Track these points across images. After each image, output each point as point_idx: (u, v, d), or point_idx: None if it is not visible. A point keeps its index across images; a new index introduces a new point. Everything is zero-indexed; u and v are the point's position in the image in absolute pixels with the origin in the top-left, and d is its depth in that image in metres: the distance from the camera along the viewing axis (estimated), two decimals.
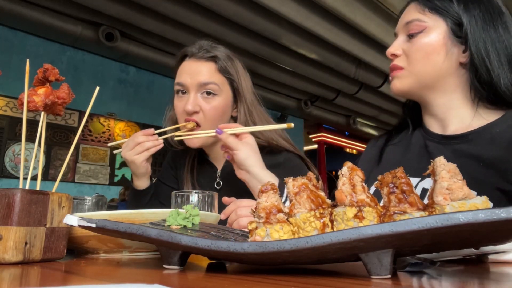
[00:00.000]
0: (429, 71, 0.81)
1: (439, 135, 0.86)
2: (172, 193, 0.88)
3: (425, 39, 0.81)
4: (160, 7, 3.74)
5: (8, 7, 3.57)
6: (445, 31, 0.80)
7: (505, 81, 0.77)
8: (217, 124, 1.06)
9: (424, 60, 0.81)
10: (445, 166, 0.42)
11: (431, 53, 0.80)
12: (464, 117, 0.83)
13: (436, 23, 0.81)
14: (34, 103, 0.62)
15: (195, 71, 1.07)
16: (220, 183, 1.17)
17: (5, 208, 0.53)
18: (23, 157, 0.63)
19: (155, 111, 5.16)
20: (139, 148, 1.04)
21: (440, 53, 0.80)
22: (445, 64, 0.80)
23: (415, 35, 0.82)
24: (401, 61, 0.84)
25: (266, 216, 0.45)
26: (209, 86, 1.06)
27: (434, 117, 0.88)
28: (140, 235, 0.45)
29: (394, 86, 0.86)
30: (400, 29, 0.87)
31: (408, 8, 0.87)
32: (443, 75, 0.81)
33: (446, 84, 0.82)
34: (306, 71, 5.25)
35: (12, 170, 4.04)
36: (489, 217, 0.33)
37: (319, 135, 7.92)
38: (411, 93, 0.86)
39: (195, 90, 1.06)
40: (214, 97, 1.07)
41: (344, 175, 0.44)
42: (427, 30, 0.81)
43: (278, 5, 3.69)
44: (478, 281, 0.40)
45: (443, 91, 0.83)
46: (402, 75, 0.84)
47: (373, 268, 0.38)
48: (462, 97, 0.83)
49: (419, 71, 0.82)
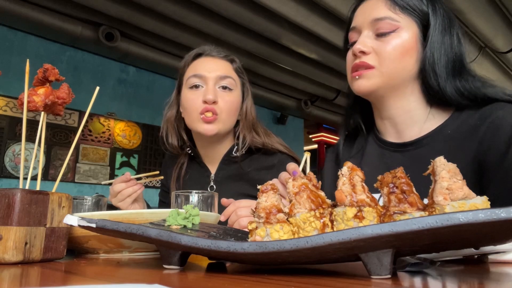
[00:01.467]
0: (400, 73, 0.79)
1: (395, 143, 0.85)
2: (172, 193, 0.88)
3: (398, 39, 0.79)
4: (160, 7, 3.73)
5: (8, 7, 3.57)
6: (416, 34, 0.80)
7: (450, 87, 0.78)
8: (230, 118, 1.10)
9: (397, 61, 0.79)
10: (445, 166, 0.42)
11: (405, 54, 0.79)
12: (418, 119, 0.83)
13: (408, 24, 0.79)
14: (34, 103, 0.62)
15: (214, 66, 1.10)
16: (214, 187, 1.17)
17: (5, 208, 0.53)
18: (23, 157, 0.63)
19: (155, 111, 5.16)
20: (120, 197, 1.06)
21: (412, 56, 0.79)
22: (414, 67, 0.80)
23: (386, 34, 0.79)
24: (371, 60, 0.80)
25: (266, 216, 0.45)
26: (227, 80, 1.09)
27: (388, 121, 0.86)
28: (140, 235, 0.45)
29: (361, 85, 0.81)
30: (364, 24, 0.82)
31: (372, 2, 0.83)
32: (409, 78, 0.81)
33: (409, 88, 0.82)
34: (306, 71, 5.25)
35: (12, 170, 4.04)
36: (489, 217, 0.33)
37: (319, 135, 7.91)
38: (376, 93, 0.82)
39: (213, 82, 1.08)
40: (231, 92, 1.10)
41: (344, 175, 0.44)
42: (399, 30, 0.79)
43: (278, 5, 3.69)
44: (478, 281, 0.40)
45: (404, 94, 0.82)
46: (372, 75, 0.80)
47: (373, 268, 0.38)
48: (417, 100, 0.83)
49: (391, 72, 0.79)
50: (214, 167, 1.20)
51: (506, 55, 4.79)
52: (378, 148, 0.89)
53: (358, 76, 0.81)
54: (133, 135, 5.00)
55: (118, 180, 1.07)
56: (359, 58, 0.81)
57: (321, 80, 5.55)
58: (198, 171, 1.22)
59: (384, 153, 0.87)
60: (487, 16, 3.98)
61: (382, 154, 0.87)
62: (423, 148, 0.80)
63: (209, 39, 4.29)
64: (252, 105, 1.19)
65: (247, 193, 1.09)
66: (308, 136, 8.00)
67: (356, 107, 0.95)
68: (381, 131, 0.89)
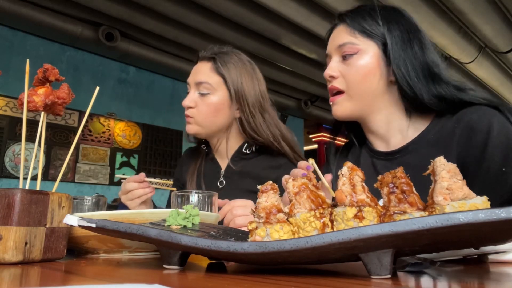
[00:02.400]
0: (367, 92, 0.86)
1: (383, 152, 0.91)
2: (172, 193, 0.88)
3: (360, 61, 0.86)
4: (160, 7, 3.73)
5: (8, 7, 3.57)
6: (377, 53, 0.86)
7: (427, 95, 0.82)
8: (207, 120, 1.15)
9: (361, 82, 0.86)
10: (445, 166, 0.42)
11: (367, 74, 0.85)
12: (402, 128, 0.89)
13: (368, 46, 0.86)
14: (34, 103, 0.62)
15: (196, 70, 1.19)
16: (223, 182, 1.21)
17: (5, 208, 0.53)
18: (23, 157, 0.63)
19: (155, 111, 5.15)
20: (130, 196, 1.07)
21: (375, 74, 0.86)
22: (380, 84, 0.86)
23: (349, 57, 0.87)
24: (339, 83, 0.88)
25: (266, 216, 0.45)
26: (202, 85, 1.15)
27: (374, 134, 0.93)
28: (140, 235, 0.45)
29: (336, 112, 0.90)
30: (332, 50, 0.91)
31: (337, 30, 0.91)
32: (379, 94, 0.87)
33: (382, 102, 0.88)
34: (306, 71, 5.25)
35: (12, 170, 4.04)
36: (489, 217, 0.33)
37: (319, 135, 7.91)
38: (353, 115, 0.90)
39: (194, 89, 1.17)
40: (208, 96, 1.15)
41: (344, 175, 0.44)
42: (361, 53, 0.86)
43: (278, 5, 3.69)
44: (478, 281, 0.40)
45: (379, 108, 0.88)
46: (343, 100, 0.88)
47: (373, 268, 0.38)
48: (397, 111, 0.88)
49: (358, 93, 0.87)
50: (225, 163, 1.24)
51: (506, 55, 4.79)
52: (370, 158, 0.94)
53: (332, 102, 0.91)
54: (133, 135, 5.00)
55: (131, 179, 1.08)
56: (330, 83, 0.90)
57: (321, 80, 5.53)
58: (211, 166, 1.27)
59: (375, 162, 0.92)
60: (487, 16, 3.98)
61: (374, 163, 0.93)
62: (410, 154, 0.85)
63: (209, 39, 4.29)
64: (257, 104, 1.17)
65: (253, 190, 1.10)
66: (308, 136, 8.00)
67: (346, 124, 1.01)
68: (372, 142, 0.95)
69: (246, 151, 1.21)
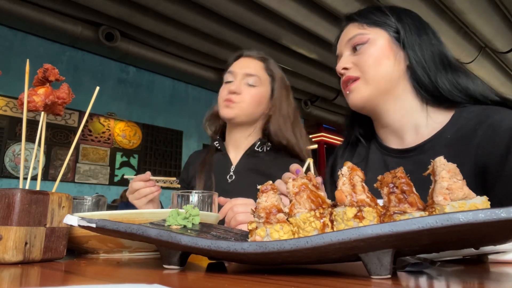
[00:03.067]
0: (383, 75, 0.83)
1: (397, 150, 0.87)
2: (172, 193, 0.88)
3: (372, 47, 0.84)
4: (160, 7, 3.73)
5: (8, 7, 3.57)
6: (387, 38, 0.85)
7: (442, 80, 0.80)
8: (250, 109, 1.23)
9: (376, 65, 0.83)
10: (445, 166, 0.42)
11: (381, 57, 0.83)
12: (418, 124, 0.85)
13: (378, 34, 0.85)
14: (34, 103, 0.62)
15: (245, 64, 1.28)
16: (233, 177, 1.24)
17: (5, 208, 0.53)
18: (23, 157, 0.63)
19: (155, 111, 5.16)
20: (137, 195, 1.09)
21: (389, 57, 0.83)
22: (395, 68, 0.83)
23: (360, 47, 0.85)
24: (353, 72, 0.86)
25: (266, 216, 0.45)
26: (252, 78, 1.25)
27: (389, 129, 0.89)
28: (140, 235, 0.45)
29: (353, 99, 0.86)
30: (342, 47, 0.90)
31: (346, 29, 0.91)
32: (395, 78, 0.84)
33: (399, 88, 0.84)
34: (306, 71, 5.25)
35: (12, 170, 4.04)
36: (489, 217, 0.33)
37: (319, 135, 7.92)
38: (370, 103, 0.86)
39: (240, 77, 1.25)
40: (255, 88, 1.24)
41: (344, 175, 0.44)
42: (371, 41, 0.84)
43: (278, 5, 3.69)
44: (478, 281, 0.40)
45: (396, 96, 0.85)
46: (359, 86, 0.85)
47: (373, 268, 0.38)
48: (412, 101, 0.85)
49: (374, 77, 0.83)
50: (237, 159, 1.28)
51: (506, 55, 4.80)
52: (381, 155, 0.91)
53: (348, 91, 0.87)
54: (133, 135, 5.00)
55: (137, 178, 1.10)
56: (343, 75, 0.88)
57: (321, 80, 5.55)
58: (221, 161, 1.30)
59: (387, 160, 0.89)
60: (487, 16, 3.98)
61: (385, 160, 0.89)
62: (425, 153, 0.82)
63: (209, 39, 4.29)
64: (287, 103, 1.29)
65: None
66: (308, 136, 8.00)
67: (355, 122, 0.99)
68: (383, 139, 0.92)
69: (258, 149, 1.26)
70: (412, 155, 0.84)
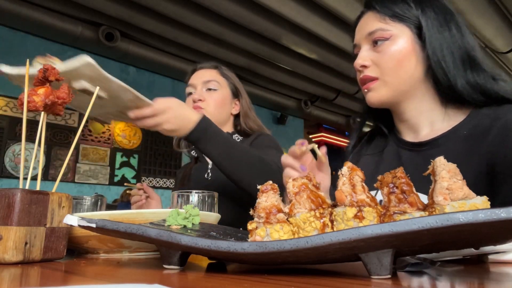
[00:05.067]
0: (404, 78, 0.81)
1: (410, 143, 0.86)
2: (172, 193, 0.88)
3: (393, 46, 0.80)
4: (160, 7, 3.73)
5: (8, 7, 3.57)
6: (410, 37, 0.81)
7: (461, 81, 0.77)
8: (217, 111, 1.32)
9: (397, 68, 0.80)
10: (445, 166, 0.42)
11: (402, 60, 0.80)
12: (434, 120, 0.83)
13: (400, 30, 0.81)
14: (34, 103, 0.62)
15: (201, 75, 1.39)
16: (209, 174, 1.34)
17: (5, 208, 0.53)
18: (23, 157, 0.63)
19: None
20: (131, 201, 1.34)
21: (411, 59, 0.80)
22: (417, 70, 0.81)
23: (381, 43, 0.81)
24: (372, 72, 0.83)
25: (266, 216, 0.45)
26: (211, 83, 1.35)
27: (405, 123, 0.88)
28: (140, 235, 0.45)
29: (371, 98, 0.84)
30: (361, 39, 0.86)
31: (365, 18, 0.86)
32: (416, 80, 0.81)
33: (418, 90, 0.82)
34: (306, 71, 5.25)
35: (12, 170, 4.04)
36: (489, 217, 0.33)
37: (319, 135, 7.91)
38: (388, 102, 0.85)
39: (200, 86, 1.35)
40: (215, 91, 1.35)
41: (344, 175, 0.44)
42: (393, 38, 0.81)
43: (278, 5, 3.69)
44: (478, 281, 0.40)
45: (414, 96, 0.83)
46: (377, 86, 0.83)
47: (373, 268, 0.38)
48: (431, 100, 0.83)
49: (393, 79, 0.81)
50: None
51: (506, 55, 4.80)
52: (396, 147, 0.89)
53: (366, 89, 0.85)
54: (133, 135, 5.00)
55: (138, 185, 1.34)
56: (362, 73, 0.84)
57: (321, 80, 5.55)
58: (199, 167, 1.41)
59: (401, 152, 0.87)
60: (487, 16, 3.98)
61: (399, 153, 0.87)
62: (438, 148, 0.80)
63: (209, 39, 4.29)
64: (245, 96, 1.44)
65: None
66: (308, 136, 8.00)
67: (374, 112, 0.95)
68: (400, 131, 0.90)
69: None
70: (425, 149, 0.82)
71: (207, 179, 1.32)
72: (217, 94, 1.35)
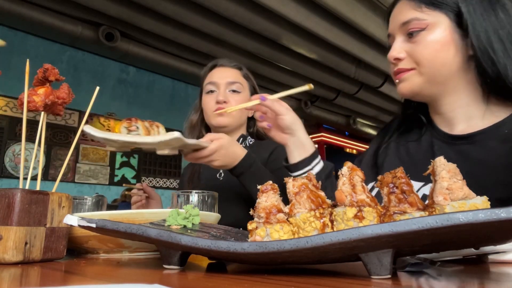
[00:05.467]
0: (440, 70, 0.75)
1: (446, 134, 0.81)
2: (172, 193, 0.88)
3: (430, 36, 0.75)
4: (160, 7, 3.73)
5: (8, 7, 3.57)
6: (449, 25, 0.75)
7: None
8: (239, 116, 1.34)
9: (434, 59, 0.75)
10: (445, 166, 0.42)
11: (440, 50, 0.74)
12: (472, 115, 0.78)
13: (437, 18, 0.75)
14: (34, 103, 0.62)
15: (224, 74, 1.35)
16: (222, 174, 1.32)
17: (5, 208, 0.53)
18: (23, 157, 0.63)
19: (155, 111, 5.15)
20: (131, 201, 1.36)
21: (449, 49, 0.74)
22: (456, 60, 0.75)
23: (416, 34, 0.76)
24: (407, 64, 0.78)
25: (266, 216, 0.45)
26: (235, 85, 1.33)
27: (441, 116, 0.83)
28: (140, 235, 0.45)
29: (403, 88, 0.79)
30: (395, 30, 0.80)
31: (400, 6, 0.81)
32: (454, 72, 0.76)
33: (458, 83, 0.77)
34: (306, 71, 5.25)
35: (12, 170, 4.04)
36: (489, 217, 0.33)
37: (319, 135, 7.91)
38: (421, 94, 0.79)
39: (224, 87, 1.32)
40: (239, 94, 1.33)
41: (344, 175, 0.44)
42: (430, 27, 0.75)
43: (278, 5, 3.69)
44: (478, 281, 0.40)
45: (452, 88, 0.77)
46: (411, 76, 0.78)
47: (373, 268, 0.38)
48: (472, 93, 0.77)
49: (430, 71, 0.76)
50: None
51: None
52: (430, 136, 0.85)
53: (398, 79, 0.80)
54: None
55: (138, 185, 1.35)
56: (396, 66, 0.80)
57: (321, 80, 5.55)
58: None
59: (435, 142, 0.83)
60: None
61: (433, 142, 0.83)
62: (474, 144, 0.75)
63: (209, 39, 4.29)
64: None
65: None
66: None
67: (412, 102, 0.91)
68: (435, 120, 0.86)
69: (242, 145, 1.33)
70: (459, 143, 0.77)
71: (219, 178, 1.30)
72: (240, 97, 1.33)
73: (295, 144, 0.89)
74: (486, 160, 0.72)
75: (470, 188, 0.42)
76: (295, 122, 0.89)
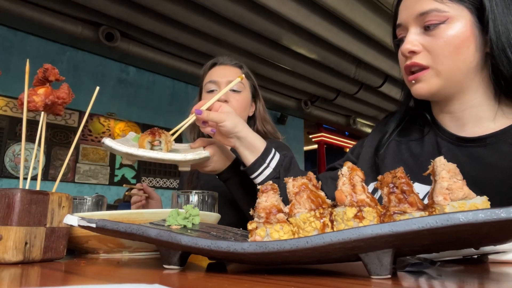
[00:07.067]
0: (460, 68, 0.71)
1: (454, 136, 0.77)
2: (172, 193, 0.88)
3: (450, 31, 0.70)
4: (160, 7, 3.73)
5: (8, 7, 3.57)
6: (470, 20, 0.70)
7: None
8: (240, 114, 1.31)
9: (453, 56, 0.70)
10: (445, 166, 0.42)
11: (460, 46, 0.70)
12: (483, 116, 0.75)
13: (458, 11, 0.70)
14: (34, 103, 0.62)
15: (225, 73, 1.32)
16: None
17: (5, 208, 0.53)
18: (23, 157, 0.63)
19: (155, 111, 5.15)
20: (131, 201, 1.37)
21: (470, 46, 0.70)
22: (475, 57, 0.71)
23: (435, 26, 0.70)
24: (423, 59, 0.73)
25: (266, 216, 0.45)
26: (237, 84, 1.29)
27: (449, 115, 0.79)
28: (140, 235, 0.45)
29: (420, 89, 0.74)
30: (409, 20, 0.74)
31: None
32: (473, 70, 0.72)
33: (472, 80, 0.73)
34: (306, 71, 5.25)
35: (12, 170, 4.04)
36: (489, 217, 0.33)
37: (319, 135, 7.92)
38: (438, 94, 0.75)
39: (225, 86, 1.26)
40: (239, 93, 1.31)
41: (344, 175, 0.44)
42: (450, 21, 0.70)
43: (278, 5, 3.69)
44: (478, 281, 0.40)
45: (467, 87, 0.74)
46: (428, 77, 0.73)
47: (373, 268, 0.38)
48: (484, 93, 0.74)
49: (448, 68, 0.71)
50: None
51: None
52: (435, 136, 0.81)
53: (414, 80, 0.75)
54: None
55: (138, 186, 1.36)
56: (409, 59, 0.74)
57: (321, 80, 5.55)
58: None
59: (440, 143, 0.79)
60: None
61: (439, 143, 0.79)
62: (485, 148, 0.72)
63: (209, 39, 4.29)
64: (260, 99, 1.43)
65: None
66: (308, 136, 8.00)
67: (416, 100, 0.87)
68: (441, 120, 0.82)
69: None
70: (469, 146, 0.74)
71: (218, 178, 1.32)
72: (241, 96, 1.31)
73: (244, 145, 0.88)
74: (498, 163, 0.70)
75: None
76: (237, 125, 0.86)
